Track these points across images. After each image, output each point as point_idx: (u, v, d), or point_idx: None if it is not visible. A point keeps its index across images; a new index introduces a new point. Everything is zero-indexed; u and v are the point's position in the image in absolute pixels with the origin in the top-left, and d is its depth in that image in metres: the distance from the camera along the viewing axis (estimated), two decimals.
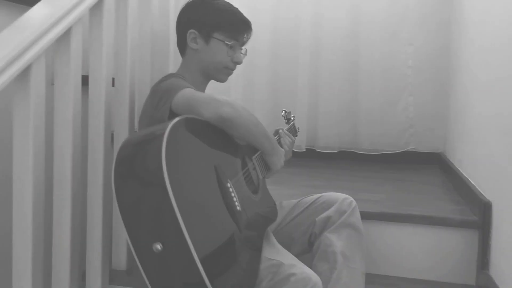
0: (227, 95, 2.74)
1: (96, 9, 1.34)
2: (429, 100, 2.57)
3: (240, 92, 2.75)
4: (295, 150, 2.67)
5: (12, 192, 1.11)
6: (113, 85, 1.49)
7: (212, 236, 0.96)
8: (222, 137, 1.16)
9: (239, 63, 1.40)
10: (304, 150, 2.70)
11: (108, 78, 1.39)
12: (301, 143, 2.70)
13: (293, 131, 1.67)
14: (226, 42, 1.35)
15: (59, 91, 1.21)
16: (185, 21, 1.39)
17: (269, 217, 1.29)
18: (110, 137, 1.47)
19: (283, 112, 1.69)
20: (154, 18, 1.62)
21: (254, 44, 2.71)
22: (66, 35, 1.20)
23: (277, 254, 1.17)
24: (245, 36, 1.40)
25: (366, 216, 1.57)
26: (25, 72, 1.07)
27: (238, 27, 1.37)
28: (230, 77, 1.45)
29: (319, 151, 2.71)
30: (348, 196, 1.40)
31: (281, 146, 1.45)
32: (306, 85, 2.67)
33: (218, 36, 1.35)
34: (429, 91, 2.57)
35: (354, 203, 1.38)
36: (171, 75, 1.34)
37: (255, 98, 2.75)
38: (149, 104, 1.27)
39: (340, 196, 1.40)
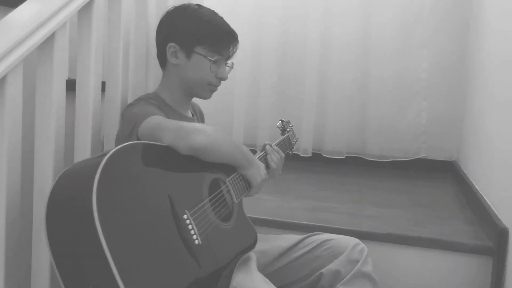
0: (231, 100, 2.63)
1: (85, 10, 1.24)
2: (443, 105, 2.45)
3: (244, 96, 2.64)
4: (301, 155, 2.57)
5: None
6: (104, 90, 1.39)
7: (160, 277, 0.85)
8: (183, 161, 1.05)
9: (224, 79, 1.29)
10: (310, 155, 2.59)
11: (97, 83, 1.28)
12: (307, 147, 2.59)
13: (287, 144, 1.55)
14: (208, 58, 1.24)
15: (41, 101, 1.12)
16: (164, 32, 1.29)
17: (243, 245, 1.17)
18: (100, 146, 1.37)
19: (280, 122, 1.58)
20: (151, 19, 1.51)
21: (261, 45, 2.61)
22: (49, 41, 1.10)
23: (251, 282, 1.07)
24: (230, 49, 1.29)
25: (371, 237, 1.48)
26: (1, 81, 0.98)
27: (222, 40, 1.26)
28: (234, 81, 1.37)
29: (325, 156, 2.60)
30: (358, 242, 1.29)
31: (268, 164, 1.35)
32: (314, 88, 2.55)
33: (200, 50, 1.24)
34: (443, 96, 2.45)
35: (366, 249, 1.27)
36: (140, 99, 1.25)
37: (260, 102, 2.64)
38: (121, 129, 1.19)
39: (349, 242, 1.28)
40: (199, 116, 1.50)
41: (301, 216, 1.61)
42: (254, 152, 2.58)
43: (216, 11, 1.32)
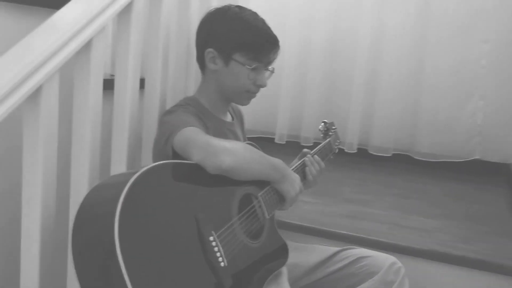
0: (277, 89, 2.57)
1: (124, 14, 1.22)
2: (501, 105, 2.28)
3: (290, 87, 2.58)
4: (346, 150, 2.50)
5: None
6: (142, 87, 1.39)
7: None
8: (213, 178, 1.02)
9: (263, 86, 1.25)
10: (356, 151, 2.51)
11: (135, 81, 1.27)
12: (353, 142, 2.51)
13: (327, 150, 1.49)
14: (247, 66, 1.20)
15: (77, 107, 1.12)
16: (203, 37, 1.26)
17: (274, 262, 1.14)
18: (138, 148, 1.38)
19: (322, 124, 1.52)
20: (193, 19, 1.47)
21: (310, 39, 2.52)
22: (86, 47, 1.10)
23: None
24: (270, 55, 1.24)
25: (412, 252, 1.42)
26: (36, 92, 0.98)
27: (262, 47, 1.21)
28: (280, 75, 1.30)
29: (371, 153, 2.51)
30: (395, 261, 1.23)
31: (305, 175, 1.30)
32: (362, 80, 2.44)
33: (239, 58, 1.20)
34: (502, 95, 2.27)
35: (403, 270, 1.21)
36: (179, 105, 1.23)
37: (306, 95, 2.57)
38: (158, 136, 1.18)
39: (385, 261, 1.22)
40: (239, 119, 1.47)
41: (339, 224, 1.56)
42: (297, 144, 2.56)
43: (263, 7, 1.27)
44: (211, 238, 0.95)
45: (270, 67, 1.28)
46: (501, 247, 1.47)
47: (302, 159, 1.34)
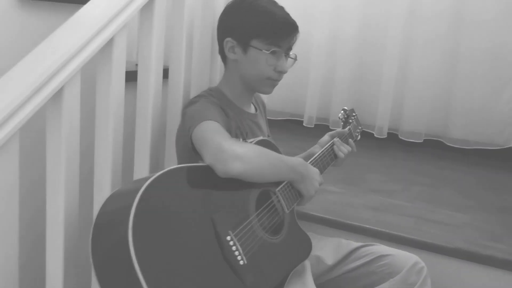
0: (306, 79, 2.53)
1: (146, 9, 1.21)
2: None
3: (319, 78, 2.53)
4: (376, 136, 2.45)
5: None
6: (167, 77, 1.39)
7: None
8: (226, 180, 1.02)
9: (284, 72, 1.23)
10: (386, 136, 2.45)
11: (157, 76, 1.28)
12: (383, 126, 2.45)
13: (349, 136, 1.47)
14: (264, 50, 1.18)
15: (100, 104, 1.13)
16: (221, 28, 1.26)
17: (296, 256, 1.15)
18: (162, 140, 1.39)
19: (341, 113, 1.50)
20: (218, 10, 1.45)
21: (339, 27, 2.45)
22: (108, 44, 1.10)
23: None
24: (288, 40, 1.22)
25: (436, 249, 1.39)
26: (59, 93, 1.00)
27: (279, 31, 1.19)
28: (309, 63, 1.25)
29: (402, 139, 2.45)
30: (417, 260, 1.21)
31: (336, 154, 1.36)
32: (395, 60, 2.36)
33: (257, 44, 1.19)
34: None
35: (425, 270, 1.19)
36: (202, 95, 1.22)
37: (335, 77, 2.52)
38: (180, 127, 1.19)
39: (408, 260, 1.20)
40: (262, 109, 1.46)
41: (363, 217, 1.53)
42: (326, 127, 2.52)
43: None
44: (228, 238, 0.96)
45: (291, 54, 1.26)
46: None
47: (331, 141, 1.38)
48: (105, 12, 1.06)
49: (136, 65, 1.58)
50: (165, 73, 1.39)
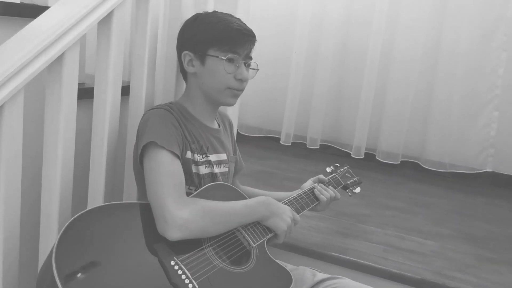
0: (283, 97, 2.50)
1: (104, 23, 1.16)
2: None
3: (298, 88, 2.50)
4: (353, 156, 2.42)
5: None
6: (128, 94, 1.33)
7: None
8: None
9: (244, 79, 1.18)
10: (363, 157, 2.42)
11: (115, 93, 1.21)
12: (360, 145, 2.42)
13: (336, 182, 1.43)
14: (221, 57, 1.15)
15: (49, 124, 1.07)
16: (179, 44, 1.24)
17: (268, 287, 1.09)
18: (121, 156, 1.33)
19: (331, 168, 1.48)
20: (187, 15, 1.40)
21: (319, 38, 2.43)
22: (57, 61, 1.04)
23: None
24: (245, 47, 1.18)
25: (403, 280, 1.35)
26: None
27: (235, 37, 1.16)
28: (287, 81, 1.19)
29: (379, 160, 2.42)
30: None
31: (317, 197, 1.32)
32: (372, 82, 2.35)
33: (213, 52, 1.16)
34: None
35: None
36: (160, 107, 1.17)
37: (313, 102, 2.50)
38: (135, 146, 1.16)
39: None
40: (227, 127, 1.41)
41: (330, 244, 1.49)
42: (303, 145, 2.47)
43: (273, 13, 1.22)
44: (173, 263, 0.95)
45: (252, 64, 1.23)
46: (508, 281, 1.37)
47: (312, 186, 1.34)
48: (56, 26, 1.00)
49: None
50: (128, 89, 1.34)
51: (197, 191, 1.11)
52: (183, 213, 0.98)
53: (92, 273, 0.85)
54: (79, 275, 0.83)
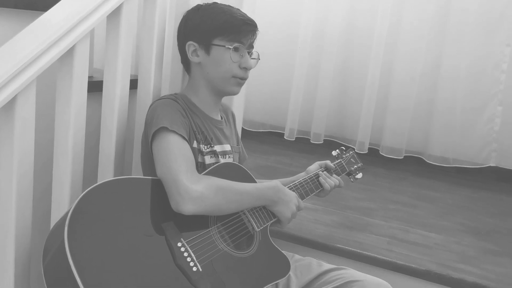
0: (288, 92, 2.51)
1: (114, 15, 1.18)
2: None
3: (302, 83, 2.51)
4: (357, 151, 2.42)
5: None
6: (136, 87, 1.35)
7: None
8: None
9: (249, 68, 1.22)
10: (366, 152, 2.43)
11: (123, 87, 1.23)
12: (364, 141, 2.43)
13: (335, 172, 1.44)
14: (227, 46, 1.17)
15: (60, 115, 1.09)
16: (182, 34, 1.25)
17: (268, 274, 1.11)
18: (129, 148, 1.34)
19: (337, 151, 1.49)
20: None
21: (324, 32, 2.44)
22: (68, 54, 1.06)
23: None
24: (249, 36, 1.21)
25: (408, 271, 1.36)
26: None
27: (240, 27, 1.19)
28: (291, 76, 1.19)
29: (382, 155, 2.43)
30: (387, 286, 1.16)
31: (321, 184, 1.33)
32: (376, 78, 2.35)
33: (218, 41, 1.18)
34: None
35: None
36: (166, 97, 1.19)
37: (317, 98, 2.50)
38: (144, 134, 1.17)
39: (378, 287, 1.16)
40: (231, 119, 1.43)
41: (336, 236, 1.50)
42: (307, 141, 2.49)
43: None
44: (179, 244, 0.97)
45: (254, 53, 1.26)
46: (510, 272, 1.38)
47: (317, 171, 1.36)
48: (67, 19, 1.02)
49: None
50: (135, 83, 1.36)
51: (209, 169, 1.13)
52: (197, 187, 0.99)
53: (101, 248, 0.86)
54: (88, 248, 0.85)
